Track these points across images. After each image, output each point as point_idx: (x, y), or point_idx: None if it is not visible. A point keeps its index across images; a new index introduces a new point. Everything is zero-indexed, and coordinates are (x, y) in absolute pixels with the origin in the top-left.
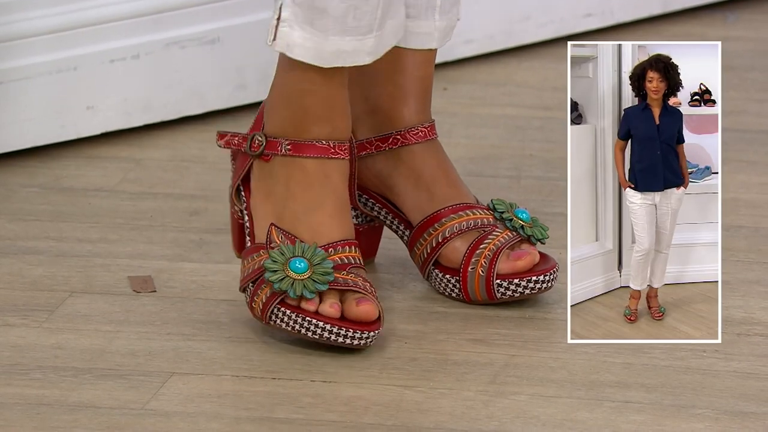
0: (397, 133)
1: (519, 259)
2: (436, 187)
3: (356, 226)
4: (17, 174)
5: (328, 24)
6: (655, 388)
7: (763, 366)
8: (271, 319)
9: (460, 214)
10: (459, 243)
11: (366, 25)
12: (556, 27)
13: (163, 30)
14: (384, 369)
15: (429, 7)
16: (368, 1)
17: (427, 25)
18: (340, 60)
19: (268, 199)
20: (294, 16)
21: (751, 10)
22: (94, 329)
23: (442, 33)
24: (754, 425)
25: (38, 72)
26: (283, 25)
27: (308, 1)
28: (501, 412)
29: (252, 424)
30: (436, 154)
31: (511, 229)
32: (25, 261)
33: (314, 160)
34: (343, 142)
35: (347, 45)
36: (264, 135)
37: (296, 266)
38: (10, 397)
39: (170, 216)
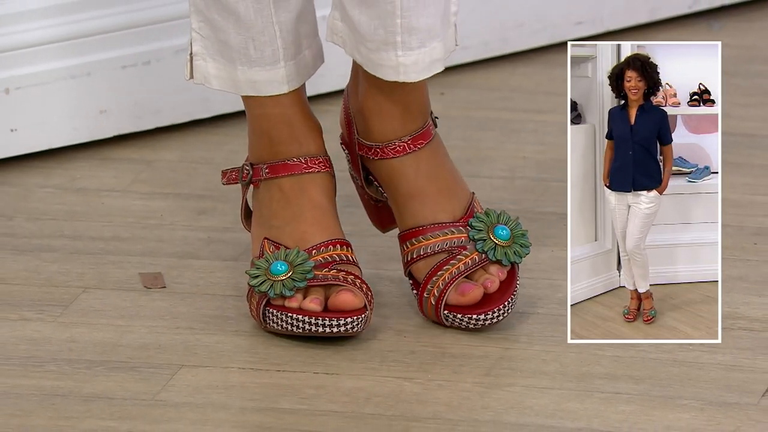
0: (376, 146)
1: (464, 294)
2: (411, 204)
3: (376, 202)
4: (34, 175)
5: (234, 55)
6: (643, 379)
7: (745, 359)
8: (265, 321)
9: (427, 236)
10: (422, 264)
11: (269, 56)
12: (549, 34)
13: (173, 38)
14: (384, 361)
15: (388, 43)
16: (263, 32)
17: (390, 59)
18: (256, 89)
19: (260, 222)
20: (204, 49)
21: (735, 19)
22: (106, 323)
23: (409, 68)
24: (738, 415)
25: (54, 77)
26: (196, 59)
27: (213, 35)
28: (496, 403)
29: (257, 414)
30: (418, 166)
31: (480, 251)
32: (41, 258)
33: (290, 178)
34: (315, 156)
35: (257, 75)
36: (250, 164)
37: (277, 269)
38: (26, 388)
39: (179, 215)
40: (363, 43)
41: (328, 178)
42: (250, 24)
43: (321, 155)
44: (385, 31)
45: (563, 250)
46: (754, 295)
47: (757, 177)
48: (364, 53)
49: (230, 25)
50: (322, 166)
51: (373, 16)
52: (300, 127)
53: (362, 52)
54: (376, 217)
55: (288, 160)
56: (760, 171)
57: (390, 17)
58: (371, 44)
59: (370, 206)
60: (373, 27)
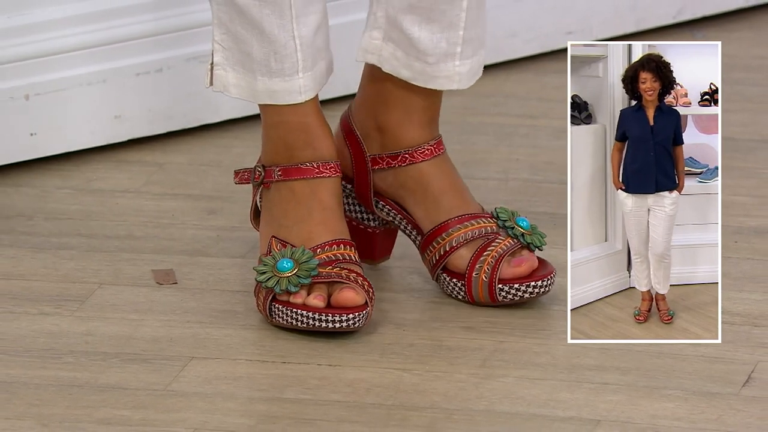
0: (405, 152)
1: (519, 265)
2: (443, 199)
3: (373, 229)
4: (52, 177)
5: (255, 66)
6: (630, 370)
7: (727, 351)
8: (271, 315)
9: (465, 224)
10: (464, 251)
11: (289, 67)
12: (540, 43)
13: (185, 46)
14: (384, 354)
15: (448, 55)
16: (285, 46)
17: (448, 69)
18: (273, 99)
19: (269, 221)
20: (225, 59)
21: (716, 29)
22: (121, 318)
23: (465, 76)
24: (720, 404)
25: (71, 84)
26: (217, 69)
27: (235, 46)
28: (490, 393)
29: (264, 403)
30: (442, 168)
31: (512, 237)
32: (59, 255)
33: (301, 181)
34: (327, 161)
35: (276, 85)
36: (262, 165)
37: (283, 266)
38: (45, 379)
39: (190, 215)
40: (421, 59)
41: (338, 182)
42: (273, 39)
43: (333, 160)
44: (447, 43)
45: (554, 248)
46: (735, 290)
47: (736, 179)
48: (419, 68)
49: (254, 38)
50: (333, 171)
51: (436, 30)
52: (314, 133)
53: (416, 67)
54: (369, 247)
55: (301, 164)
56: (739, 173)
57: (454, 30)
58: (431, 58)
59: (364, 237)
60: (434, 41)
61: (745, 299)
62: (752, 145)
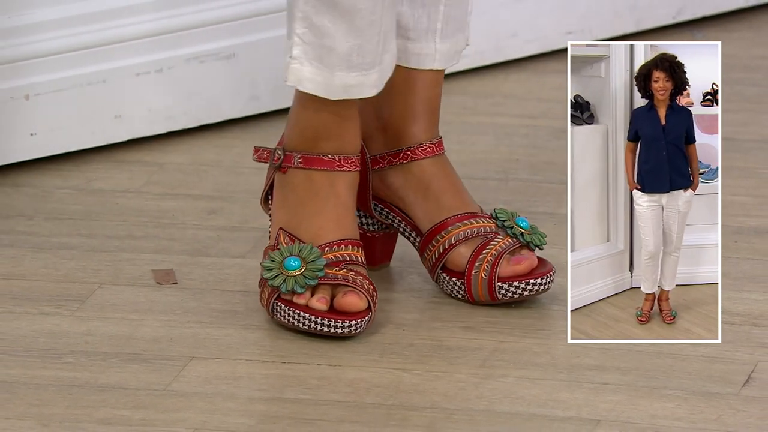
0: (407, 149)
1: (518, 263)
2: (443, 198)
3: (372, 234)
4: (52, 177)
5: (334, 61)
6: (630, 370)
7: (727, 351)
8: (273, 312)
9: (464, 222)
10: (464, 249)
11: (369, 61)
12: (540, 43)
13: (184, 46)
14: (384, 354)
15: (429, 31)
16: (370, 39)
17: (428, 47)
18: (347, 93)
19: (282, 206)
20: (304, 53)
21: (715, 29)
22: (121, 317)
23: (444, 56)
24: (719, 404)
25: (71, 84)
26: (294, 62)
27: (317, 41)
28: (490, 393)
29: (264, 403)
30: (443, 167)
31: (511, 236)
32: (59, 255)
33: (321, 172)
34: (349, 156)
35: (353, 80)
36: (282, 149)
37: (290, 264)
38: (45, 379)
39: (190, 215)
40: (402, 35)
41: (356, 177)
42: (360, 32)
43: (355, 155)
44: (428, 19)
45: (554, 248)
46: (734, 290)
47: (735, 179)
48: (401, 45)
49: (340, 32)
50: (354, 166)
51: (417, 5)
52: (345, 126)
53: (398, 44)
54: (369, 252)
55: (323, 155)
56: (739, 173)
57: (434, 5)
58: (413, 33)
59: (364, 242)
60: (416, 16)
61: (745, 299)
62: (752, 145)
